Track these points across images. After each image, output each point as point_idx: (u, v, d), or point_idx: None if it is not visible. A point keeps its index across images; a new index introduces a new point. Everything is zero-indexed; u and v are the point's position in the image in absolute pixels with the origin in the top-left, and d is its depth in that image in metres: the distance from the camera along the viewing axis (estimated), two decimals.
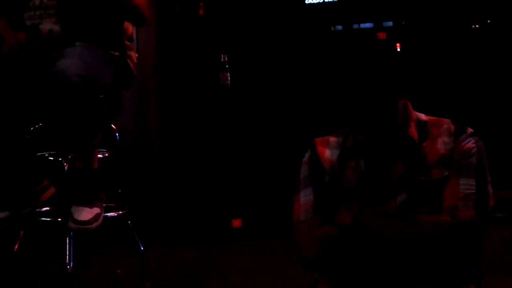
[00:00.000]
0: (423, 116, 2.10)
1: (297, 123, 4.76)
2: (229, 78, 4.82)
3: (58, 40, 3.16)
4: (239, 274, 3.64)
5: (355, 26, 5.14)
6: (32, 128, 3.30)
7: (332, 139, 2.15)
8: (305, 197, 2.12)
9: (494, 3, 5.13)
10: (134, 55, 3.42)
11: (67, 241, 3.10)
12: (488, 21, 5.17)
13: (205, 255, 4.01)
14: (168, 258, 3.86)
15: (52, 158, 3.27)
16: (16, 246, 3.41)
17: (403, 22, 5.18)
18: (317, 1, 5.09)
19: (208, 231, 4.33)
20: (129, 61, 3.34)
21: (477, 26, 5.18)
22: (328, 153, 2.13)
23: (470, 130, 2.04)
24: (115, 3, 3.15)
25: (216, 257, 3.98)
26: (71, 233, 3.10)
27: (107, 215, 3.19)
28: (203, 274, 3.69)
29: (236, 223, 4.37)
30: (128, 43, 3.41)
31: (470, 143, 2.01)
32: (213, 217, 4.42)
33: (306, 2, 5.11)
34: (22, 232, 3.39)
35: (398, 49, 4.83)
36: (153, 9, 4.60)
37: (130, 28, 3.46)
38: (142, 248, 3.43)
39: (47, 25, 3.21)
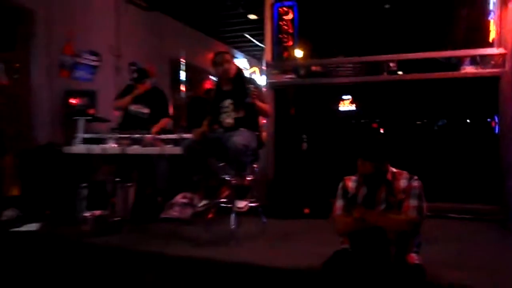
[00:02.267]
0: (394, 169, 2.09)
1: (338, 168, 4.37)
2: (306, 146, 4.67)
3: (232, 127, 3.16)
4: (306, 235, 3.46)
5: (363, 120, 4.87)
6: (220, 165, 3.19)
7: (353, 177, 2.14)
8: (339, 203, 2.12)
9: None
10: (265, 133, 3.40)
11: (233, 216, 3.04)
12: None
13: (291, 224, 3.83)
14: (271, 225, 3.56)
15: (228, 178, 3.16)
16: (210, 215, 3.40)
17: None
18: (345, 109, 4.91)
19: (293, 213, 4.11)
20: (262, 136, 3.32)
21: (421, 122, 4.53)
22: (350, 184, 2.13)
23: (415, 177, 2.03)
24: (254, 109, 3.14)
25: (296, 225, 3.81)
26: (235, 212, 3.04)
27: (251, 205, 3.13)
28: (290, 233, 3.47)
29: (306, 210, 4.17)
30: (261, 127, 3.38)
31: (415, 183, 2.01)
32: (296, 205, 4.17)
33: (340, 109, 4.89)
34: (214, 210, 3.39)
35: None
36: (272, 110, 4.56)
37: (262, 119, 3.43)
38: (265, 220, 3.36)
39: (227, 120, 3.24)
